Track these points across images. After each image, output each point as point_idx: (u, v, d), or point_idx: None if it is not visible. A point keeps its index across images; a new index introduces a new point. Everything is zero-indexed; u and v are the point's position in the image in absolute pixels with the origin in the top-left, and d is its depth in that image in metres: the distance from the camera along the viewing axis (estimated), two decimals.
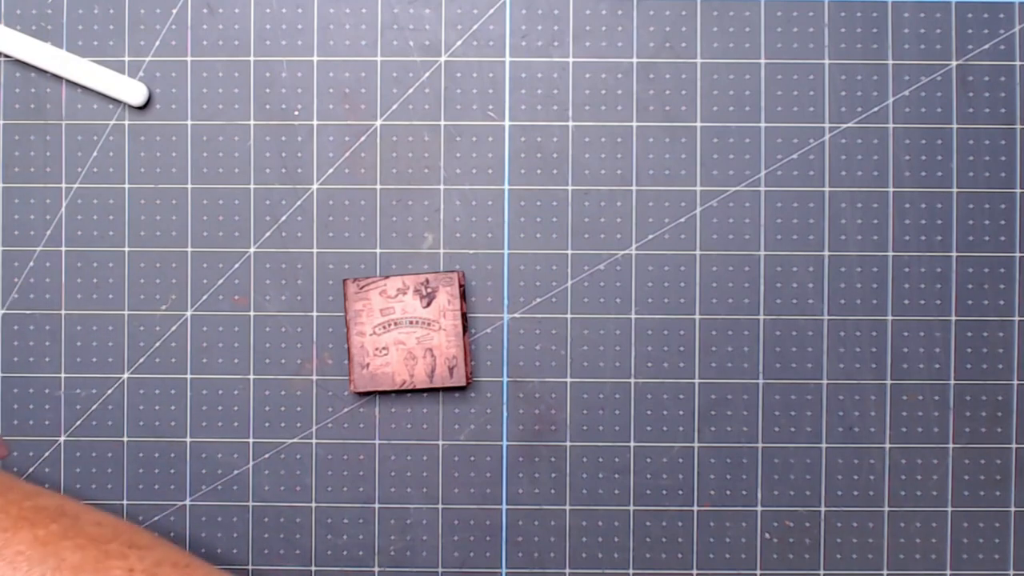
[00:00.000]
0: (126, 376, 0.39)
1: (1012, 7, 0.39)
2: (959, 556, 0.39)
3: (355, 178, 0.40)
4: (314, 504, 0.39)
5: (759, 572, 0.39)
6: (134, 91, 0.39)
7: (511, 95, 0.40)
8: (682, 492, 0.39)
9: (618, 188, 0.39)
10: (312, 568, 0.39)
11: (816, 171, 0.39)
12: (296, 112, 0.40)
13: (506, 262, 0.39)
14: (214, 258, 0.40)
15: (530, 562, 0.39)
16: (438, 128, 0.40)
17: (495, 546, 0.39)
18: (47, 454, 0.39)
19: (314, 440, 0.39)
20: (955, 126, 0.39)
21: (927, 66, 0.39)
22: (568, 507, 0.39)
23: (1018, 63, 0.39)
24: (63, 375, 0.39)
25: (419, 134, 0.40)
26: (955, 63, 0.39)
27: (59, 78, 0.40)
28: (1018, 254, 0.39)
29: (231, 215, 0.40)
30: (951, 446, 0.39)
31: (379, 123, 0.40)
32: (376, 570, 0.39)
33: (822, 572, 0.39)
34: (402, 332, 0.38)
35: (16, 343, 0.40)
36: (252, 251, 0.40)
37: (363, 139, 0.40)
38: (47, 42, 0.40)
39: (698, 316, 0.39)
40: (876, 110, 0.39)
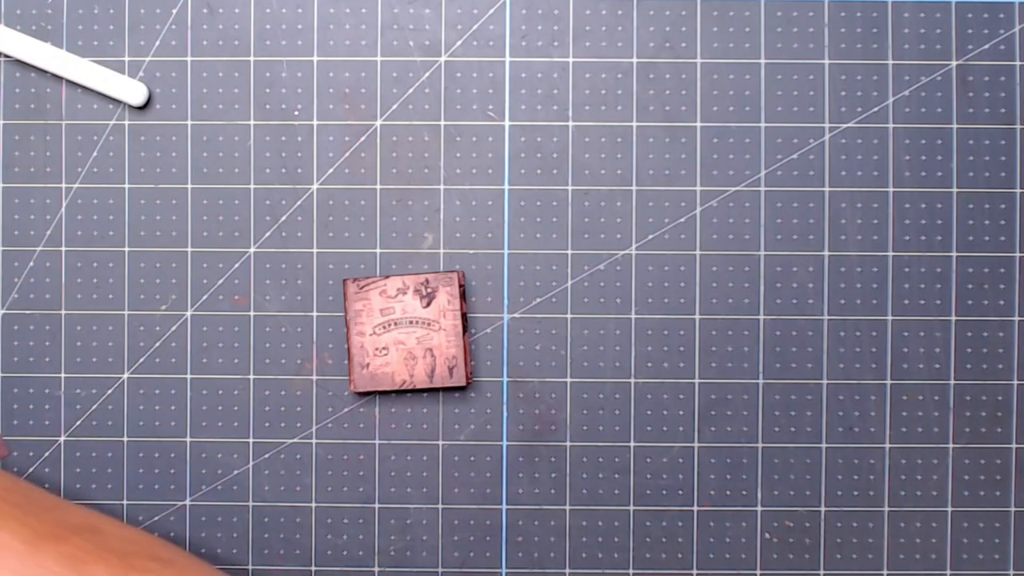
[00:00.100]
0: (126, 376, 0.39)
1: (1012, 7, 0.39)
2: (959, 556, 0.39)
3: (355, 178, 0.40)
4: (314, 504, 0.39)
5: (759, 572, 0.39)
6: (134, 91, 0.39)
7: (511, 95, 0.40)
8: (682, 492, 0.39)
9: (618, 188, 0.39)
10: (312, 568, 0.39)
11: (816, 171, 0.39)
12: (296, 112, 0.40)
13: (506, 262, 0.39)
14: (214, 258, 0.40)
15: (530, 562, 0.39)
16: (438, 128, 0.40)
17: (495, 546, 0.39)
18: (47, 454, 0.39)
19: (314, 440, 0.39)
20: (955, 126, 0.39)
21: (927, 66, 0.39)
22: (568, 507, 0.39)
23: (1018, 63, 0.39)
24: (63, 375, 0.39)
25: (419, 134, 0.40)
26: (955, 63, 0.39)
27: (59, 78, 0.40)
28: (1018, 254, 0.39)
29: (231, 215, 0.40)
30: (951, 446, 0.39)
31: (379, 123, 0.40)
32: (376, 570, 0.39)
33: (822, 572, 0.39)
34: (402, 332, 0.38)
35: (16, 343, 0.40)
36: (252, 251, 0.40)
37: (363, 139, 0.40)
38: (47, 42, 0.40)
39: (698, 316, 0.39)
40: (876, 110, 0.39)
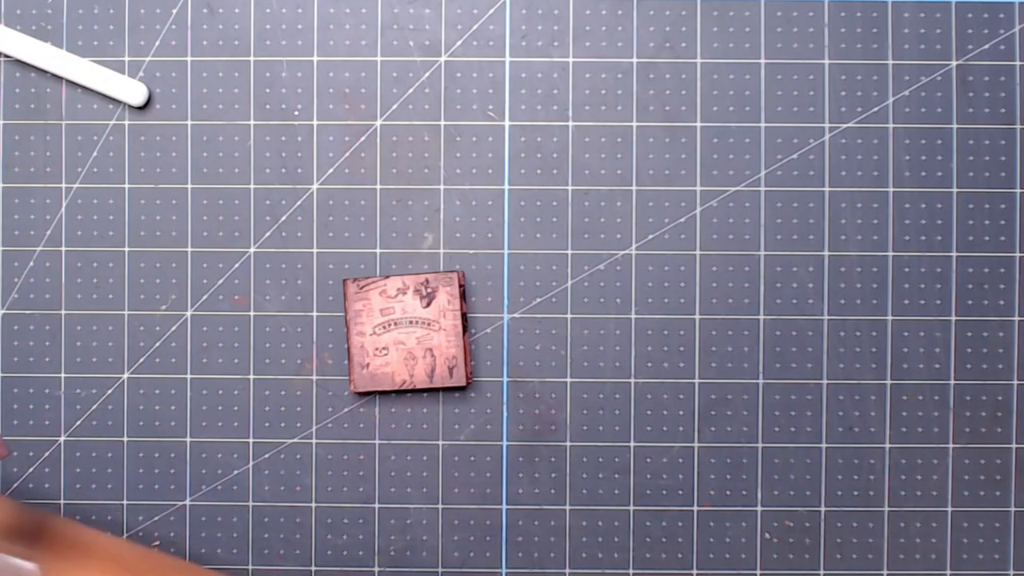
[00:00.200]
0: (126, 376, 0.39)
1: (1012, 7, 0.39)
2: (959, 556, 0.39)
3: (355, 178, 0.40)
4: (314, 504, 0.39)
5: (759, 572, 0.39)
6: (134, 91, 0.39)
7: (511, 95, 0.40)
8: (682, 492, 0.39)
9: (618, 188, 0.39)
10: (312, 568, 0.39)
11: (816, 171, 0.39)
12: (296, 112, 0.40)
13: (506, 262, 0.39)
14: (214, 258, 0.40)
15: (530, 562, 0.39)
16: (438, 128, 0.40)
17: (495, 546, 0.39)
18: (47, 454, 0.39)
19: (314, 440, 0.39)
20: (955, 126, 0.39)
21: (927, 66, 0.39)
22: (568, 507, 0.39)
23: (1018, 63, 0.39)
24: (63, 375, 0.39)
25: (419, 134, 0.40)
26: (955, 63, 0.39)
27: (59, 78, 0.40)
28: (1018, 254, 0.39)
29: (231, 215, 0.40)
30: (951, 446, 0.39)
31: (379, 123, 0.40)
32: (376, 570, 0.39)
33: (822, 572, 0.39)
34: (402, 332, 0.38)
35: (16, 343, 0.40)
36: (252, 251, 0.40)
37: (363, 139, 0.40)
38: (47, 42, 0.40)
39: (698, 316, 0.39)
40: (876, 110, 0.39)
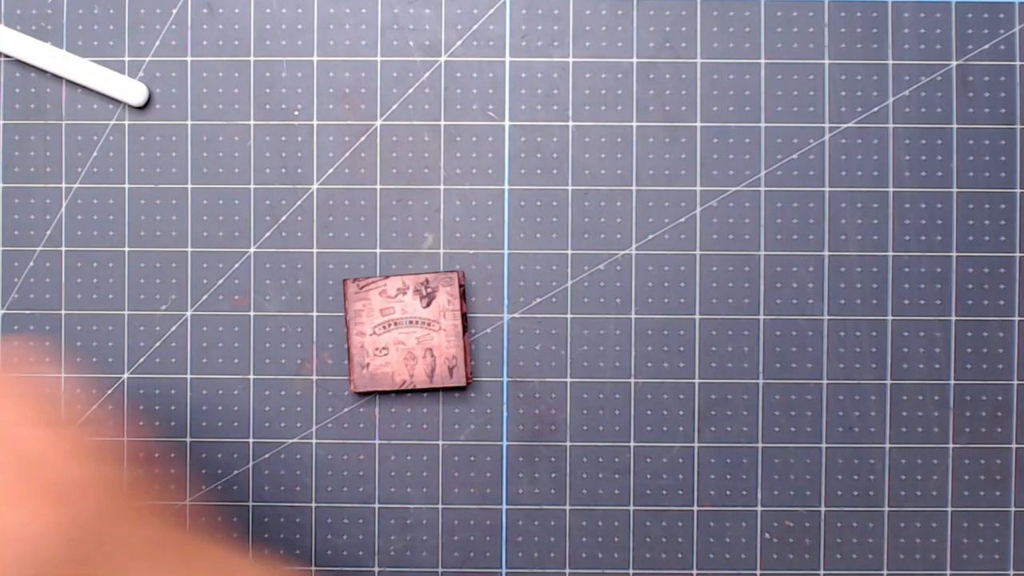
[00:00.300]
0: (126, 376, 0.39)
1: (1012, 7, 0.39)
2: (959, 556, 0.39)
3: (355, 178, 0.40)
4: (314, 504, 0.39)
5: (759, 572, 0.39)
6: (134, 91, 0.39)
7: (511, 95, 0.40)
8: (682, 492, 0.39)
9: (618, 188, 0.39)
10: (312, 568, 0.39)
11: (816, 171, 0.39)
12: (296, 112, 0.40)
13: (506, 262, 0.39)
14: (214, 258, 0.40)
15: (530, 562, 0.39)
16: (438, 128, 0.40)
17: (495, 546, 0.39)
18: None
19: (314, 440, 0.39)
20: (955, 126, 0.39)
21: (927, 66, 0.39)
22: (568, 507, 0.39)
23: (1018, 63, 0.39)
24: (63, 375, 0.39)
25: (419, 134, 0.40)
26: (955, 63, 0.39)
27: (59, 78, 0.40)
28: (1018, 254, 0.39)
29: (231, 215, 0.40)
30: (951, 446, 0.39)
31: (379, 123, 0.40)
32: (376, 570, 0.39)
33: (822, 572, 0.39)
34: (402, 332, 0.38)
35: (16, 343, 0.40)
36: (252, 251, 0.40)
37: (363, 139, 0.40)
38: (47, 42, 0.40)
39: (698, 316, 0.39)
40: (876, 110, 0.39)
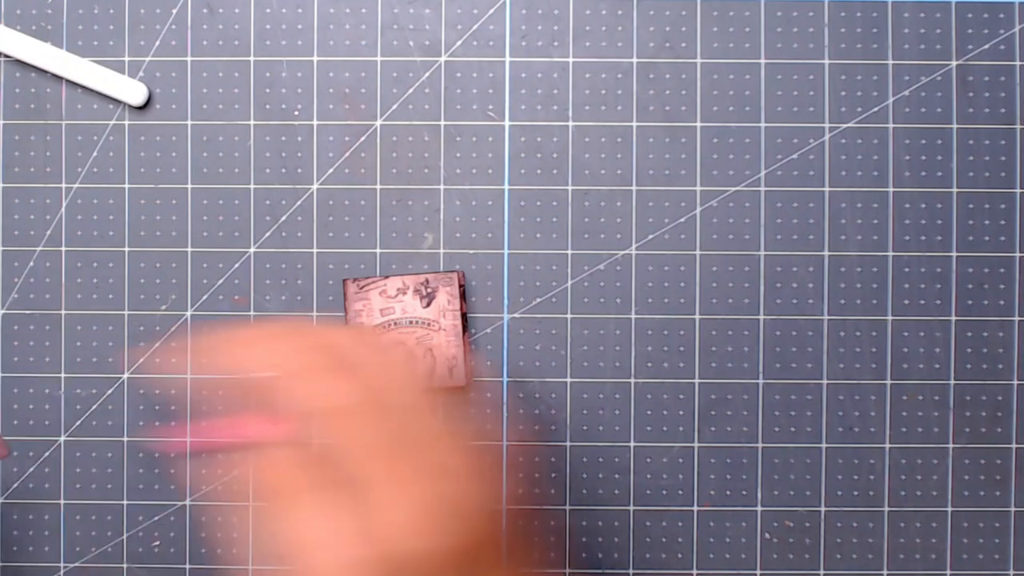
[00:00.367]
0: (126, 376, 0.39)
1: (1012, 7, 0.39)
2: (959, 556, 0.39)
3: (355, 178, 0.40)
4: None
5: (759, 572, 0.39)
6: (134, 91, 0.39)
7: (511, 95, 0.40)
8: (682, 492, 0.39)
9: (618, 188, 0.39)
10: None
11: (816, 171, 0.39)
12: (296, 112, 0.40)
13: (506, 262, 0.39)
14: (214, 258, 0.40)
15: (530, 562, 0.39)
16: (438, 128, 0.40)
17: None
18: (47, 454, 0.39)
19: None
20: (955, 126, 0.39)
21: (927, 66, 0.39)
22: (568, 507, 0.39)
23: (1018, 63, 0.39)
24: (63, 375, 0.39)
25: (419, 134, 0.40)
26: (955, 63, 0.39)
27: (59, 78, 0.40)
28: (1018, 254, 0.39)
29: (231, 215, 0.40)
30: (951, 446, 0.39)
31: (379, 123, 0.40)
32: None
33: (822, 572, 0.39)
34: (402, 332, 0.38)
35: (16, 343, 0.39)
36: (252, 251, 0.40)
37: (363, 139, 0.40)
38: (47, 42, 0.40)
39: (698, 316, 0.39)
40: (876, 110, 0.39)
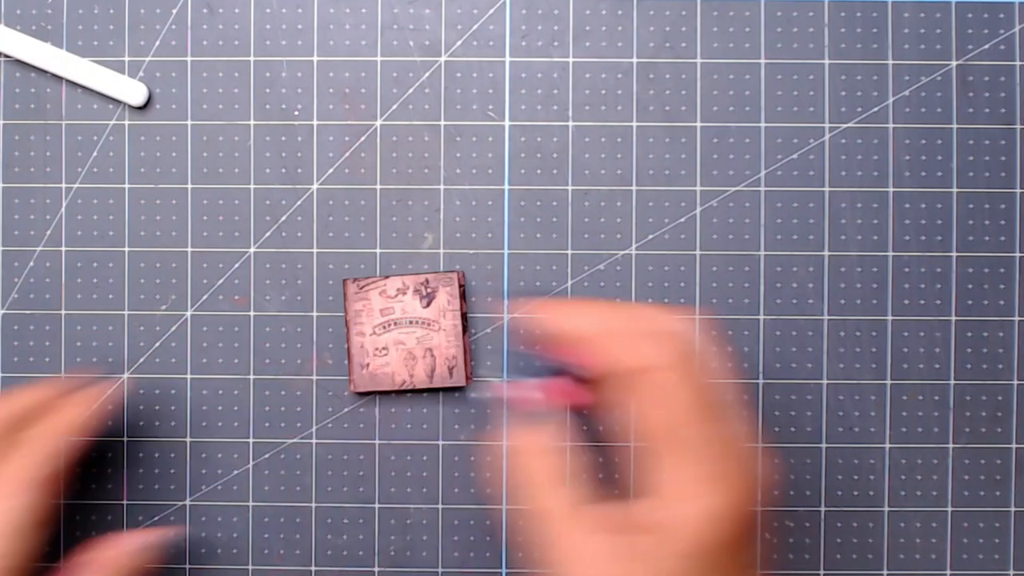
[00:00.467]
0: (126, 376, 0.39)
1: (1012, 7, 0.39)
2: (959, 556, 0.39)
3: (355, 178, 0.40)
4: (314, 504, 0.39)
5: (759, 572, 0.39)
6: (134, 91, 0.39)
7: (511, 95, 0.40)
8: None
9: (618, 188, 0.39)
10: (312, 568, 0.39)
11: (816, 171, 0.39)
12: (296, 112, 0.40)
13: (506, 262, 0.39)
14: (214, 258, 0.40)
15: (530, 562, 0.39)
16: (438, 128, 0.40)
17: (495, 546, 0.39)
18: None
19: (314, 440, 0.39)
20: (955, 126, 0.39)
21: (927, 66, 0.39)
22: None
23: (1018, 63, 0.39)
24: (63, 375, 0.39)
25: (419, 134, 0.40)
26: (955, 63, 0.39)
27: (59, 78, 0.40)
28: (1018, 254, 0.39)
29: (231, 215, 0.40)
30: (951, 446, 0.39)
31: (379, 123, 0.40)
32: (376, 570, 0.39)
33: (822, 572, 0.39)
34: (402, 332, 0.38)
35: (16, 343, 0.39)
36: (252, 251, 0.40)
37: (363, 139, 0.40)
38: (47, 42, 0.40)
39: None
40: (876, 110, 0.39)
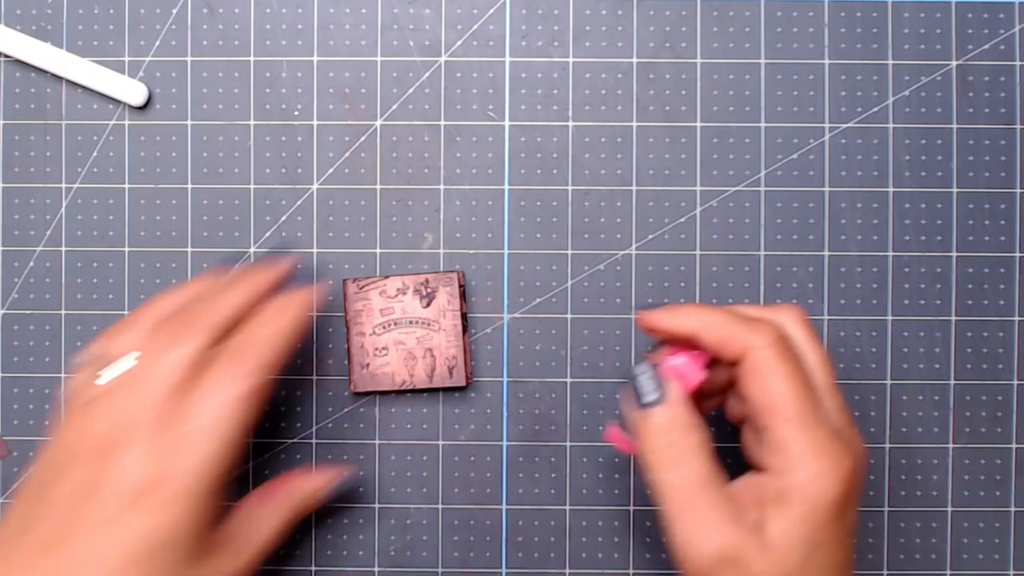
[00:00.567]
0: None
1: (1012, 7, 0.39)
2: (959, 556, 0.39)
3: (355, 178, 0.40)
4: None
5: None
6: (134, 91, 0.39)
7: (511, 95, 0.40)
8: None
9: (618, 188, 0.39)
10: (312, 568, 0.39)
11: (816, 171, 0.39)
12: (296, 112, 0.40)
13: (506, 262, 0.39)
14: (214, 258, 0.40)
15: (530, 562, 0.39)
16: (438, 128, 0.40)
17: (495, 546, 0.39)
18: None
19: (314, 440, 0.39)
20: (955, 126, 0.39)
21: (927, 66, 0.39)
22: (568, 507, 0.39)
23: (1018, 63, 0.39)
24: (63, 375, 0.39)
25: (419, 134, 0.40)
26: (955, 63, 0.39)
27: (59, 78, 0.40)
28: (1018, 254, 0.39)
29: (231, 215, 0.40)
30: (951, 446, 0.39)
31: (379, 123, 0.40)
32: (376, 570, 0.39)
33: None
34: (402, 332, 0.38)
35: (16, 343, 0.40)
36: (252, 251, 0.40)
37: (363, 139, 0.40)
38: (47, 42, 0.40)
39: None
40: (876, 110, 0.39)
